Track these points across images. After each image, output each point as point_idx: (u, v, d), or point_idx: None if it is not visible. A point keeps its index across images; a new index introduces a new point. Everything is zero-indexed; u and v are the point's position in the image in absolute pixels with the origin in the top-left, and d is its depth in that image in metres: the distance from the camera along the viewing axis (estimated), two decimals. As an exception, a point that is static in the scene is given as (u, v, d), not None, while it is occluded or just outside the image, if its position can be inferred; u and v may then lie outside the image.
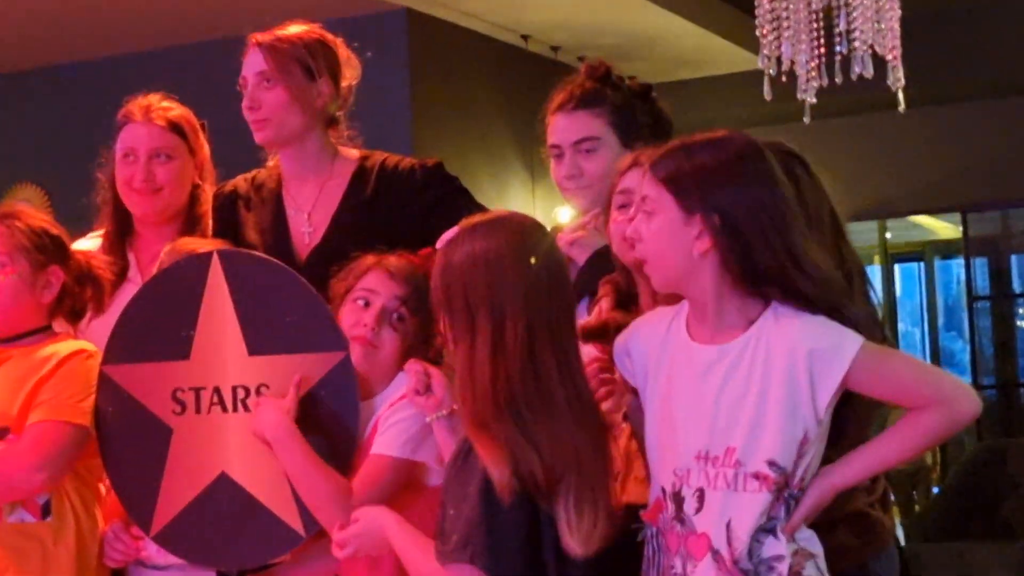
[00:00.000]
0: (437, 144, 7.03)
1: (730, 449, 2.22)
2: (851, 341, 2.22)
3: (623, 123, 3.10)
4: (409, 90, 6.88)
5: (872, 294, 2.65)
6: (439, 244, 2.35)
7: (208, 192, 3.46)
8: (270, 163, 3.30)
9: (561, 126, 3.11)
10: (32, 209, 3.08)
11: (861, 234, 9.97)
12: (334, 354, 2.63)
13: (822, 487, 2.23)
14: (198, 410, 2.71)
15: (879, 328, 2.50)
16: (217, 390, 2.71)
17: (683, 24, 7.42)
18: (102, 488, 2.94)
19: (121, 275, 3.37)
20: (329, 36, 3.24)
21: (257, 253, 2.92)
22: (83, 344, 2.98)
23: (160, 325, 2.77)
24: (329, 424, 2.62)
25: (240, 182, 3.32)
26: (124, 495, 2.79)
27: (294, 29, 3.21)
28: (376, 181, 3.18)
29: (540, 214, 7.46)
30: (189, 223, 3.43)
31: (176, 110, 3.48)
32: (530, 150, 7.67)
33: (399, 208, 3.09)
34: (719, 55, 7.92)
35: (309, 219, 3.17)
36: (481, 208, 3.03)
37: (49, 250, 2.98)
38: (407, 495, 2.56)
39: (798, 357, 2.22)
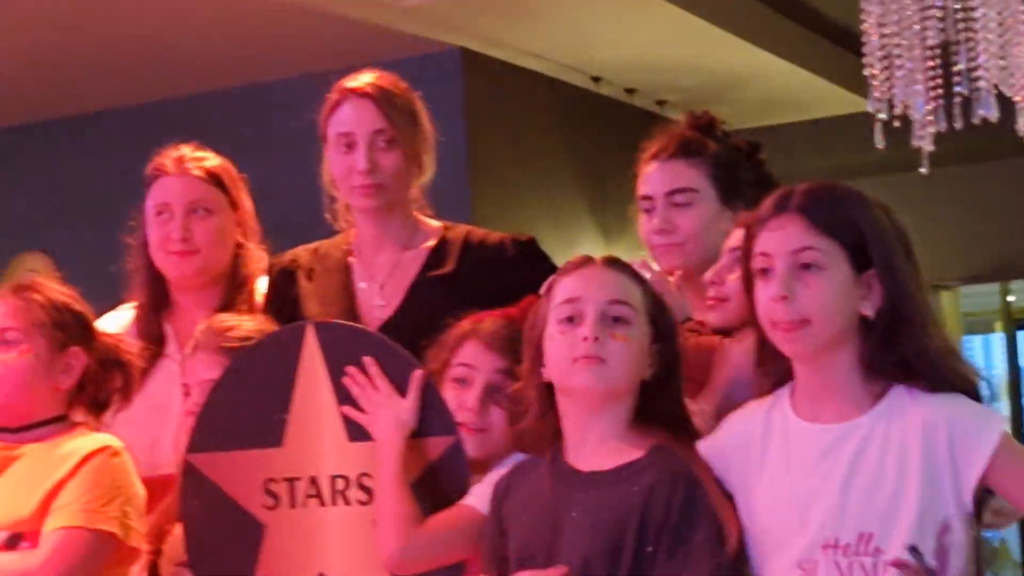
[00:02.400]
0: (496, 200, 7.03)
1: (865, 536, 2.24)
2: (995, 424, 2.27)
3: (724, 178, 3.11)
4: (465, 139, 6.90)
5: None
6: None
7: (252, 252, 3.47)
8: (342, 224, 3.33)
9: (655, 176, 3.13)
10: (53, 282, 3.05)
11: (980, 297, 9.95)
12: (443, 439, 2.64)
13: None
14: (293, 503, 2.71)
15: None
16: (314, 480, 2.71)
17: (775, 63, 7.43)
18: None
19: (157, 351, 3.38)
20: (409, 86, 3.25)
21: (357, 325, 2.93)
22: (108, 439, 2.93)
23: (249, 408, 2.77)
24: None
25: (301, 252, 3.33)
26: (213, 599, 2.78)
27: (386, 78, 3.21)
28: (460, 254, 3.20)
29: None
30: (232, 288, 3.43)
31: (213, 160, 3.47)
32: (602, 207, 7.66)
33: (485, 285, 3.09)
34: (817, 97, 7.93)
35: (382, 290, 3.20)
36: None
37: (70, 329, 2.96)
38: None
39: (938, 438, 2.25)
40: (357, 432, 2.70)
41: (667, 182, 3.11)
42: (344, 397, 2.71)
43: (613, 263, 2.57)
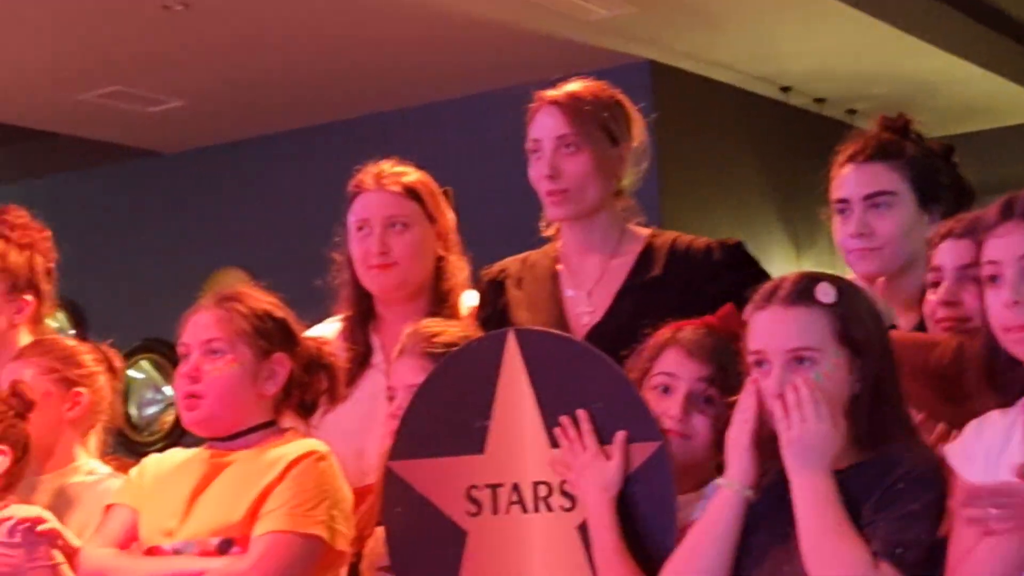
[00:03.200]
0: (687, 211, 7.01)
1: None
2: None
3: (923, 182, 3.04)
4: (655, 151, 6.90)
5: None
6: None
7: (453, 264, 3.49)
8: (549, 232, 3.34)
9: (851, 179, 3.06)
10: (254, 290, 3.08)
11: None
12: (648, 445, 2.59)
13: None
14: (495, 510, 2.69)
15: None
16: (516, 487, 2.68)
17: (966, 68, 7.32)
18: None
19: (364, 362, 3.42)
20: (620, 94, 3.24)
21: (558, 332, 2.90)
22: (314, 444, 2.95)
23: (451, 415, 2.75)
24: (641, 523, 2.58)
25: (510, 262, 3.34)
26: (416, 606, 2.79)
27: (584, 86, 3.21)
28: (667, 259, 3.18)
29: (805, 289, 7.38)
30: (435, 300, 3.46)
31: (412, 175, 3.50)
32: (792, 217, 7.61)
33: (692, 289, 3.08)
34: (1011, 102, 7.79)
35: (589, 298, 3.19)
36: None
37: (273, 335, 2.97)
38: None
39: None
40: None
41: (865, 184, 3.04)
42: (547, 405, 2.71)
43: (793, 300, 2.49)
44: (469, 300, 3.52)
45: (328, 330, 3.51)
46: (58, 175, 8.80)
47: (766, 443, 2.43)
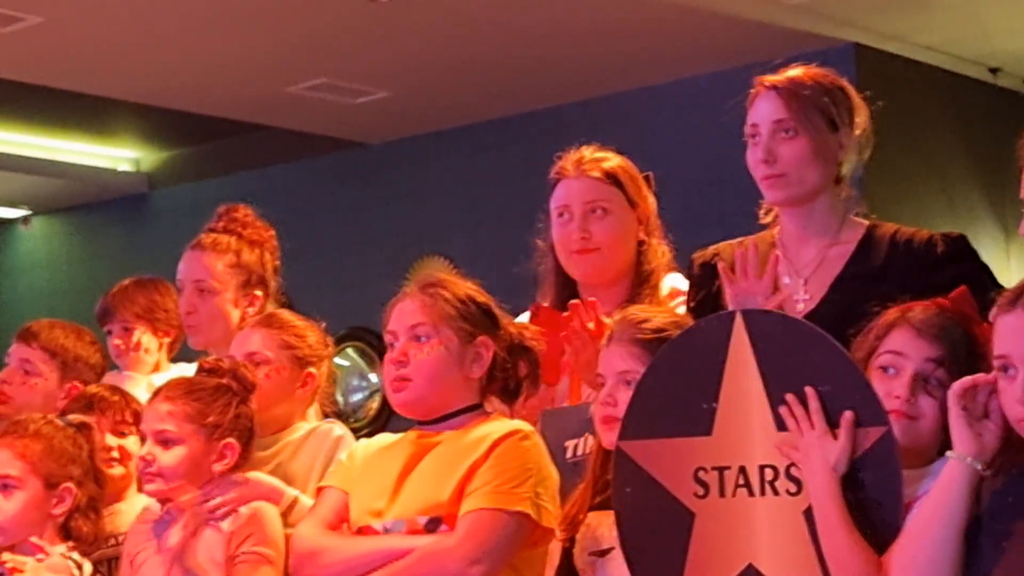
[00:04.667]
0: (893, 195, 6.90)
1: None
2: None
3: None
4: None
5: None
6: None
7: (655, 248, 3.50)
8: (767, 219, 3.30)
9: None
10: (455, 277, 3.15)
11: None
12: (875, 429, 2.56)
13: None
14: (722, 493, 2.69)
15: None
16: (743, 470, 2.68)
17: None
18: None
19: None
20: (843, 81, 3.21)
21: (785, 314, 2.89)
22: (518, 424, 3.00)
23: (679, 396, 2.77)
24: (868, 506, 2.55)
25: (724, 247, 3.32)
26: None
27: (804, 71, 3.18)
28: (888, 251, 3.15)
29: (1015, 277, 7.24)
30: (636, 284, 3.47)
31: (612, 160, 3.53)
32: (1001, 200, 7.44)
33: (912, 282, 3.00)
34: None
35: (805, 285, 3.17)
36: (1001, 288, 2.98)
37: (477, 319, 3.02)
38: None
39: None
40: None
41: None
42: (773, 388, 2.68)
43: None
44: (671, 283, 3.53)
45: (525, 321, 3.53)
46: (267, 167, 8.98)
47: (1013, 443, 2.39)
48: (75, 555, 3.22)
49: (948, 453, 2.45)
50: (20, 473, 3.21)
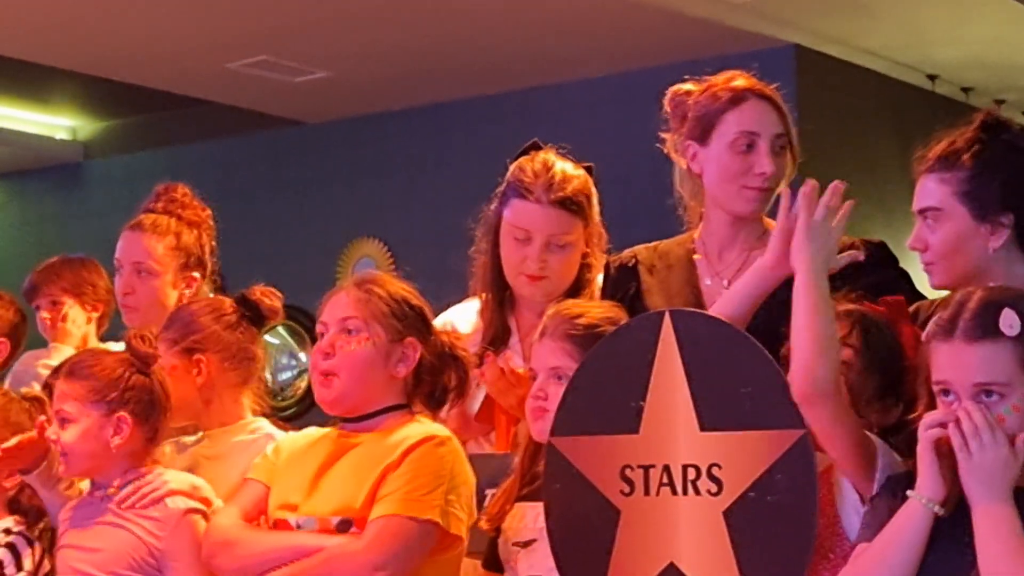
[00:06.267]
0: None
1: None
2: None
3: None
4: (797, 136, 6.85)
5: None
6: None
7: (597, 258, 3.46)
8: (691, 224, 3.29)
9: None
10: (393, 278, 3.12)
11: None
12: (791, 432, 2.57)
13: None
14: (647, 491, 2.70)
15: None
16: (667, 469, 2.69)
17: (1122, 61, 7.19)
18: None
19: (501, 343, 3.42)
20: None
21: (713, 315, 2.88)
22: (436, 429, 2.98)
23: (610, 394, 2.78)
24: (783, 511, 2.57)
25: (640, 250, 3.31)
26: (569, 579, 2.84)
27: (758, 80, 3.16)
28: None
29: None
30: (574, 293, 3.42)
31: (575, 181, 3.41)
32: (934, 207, 7.50)
33: (833, 286, 2.96)
34: None
35: (728, 288, 3.12)
36: (920, 296, 2.98)
37: (408, 320, 3.01)
38: None
39: None
40: (710, 421, 2.67)
41: None
42: (698, 388, 2.69)
43: (978, 336, 2.40)
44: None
45: (466, 309, 3.55)
46: (204, 142, 8.92)
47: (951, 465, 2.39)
48: (18, 529, 3.25)
49: (909, 492, 2.43)
50: None
